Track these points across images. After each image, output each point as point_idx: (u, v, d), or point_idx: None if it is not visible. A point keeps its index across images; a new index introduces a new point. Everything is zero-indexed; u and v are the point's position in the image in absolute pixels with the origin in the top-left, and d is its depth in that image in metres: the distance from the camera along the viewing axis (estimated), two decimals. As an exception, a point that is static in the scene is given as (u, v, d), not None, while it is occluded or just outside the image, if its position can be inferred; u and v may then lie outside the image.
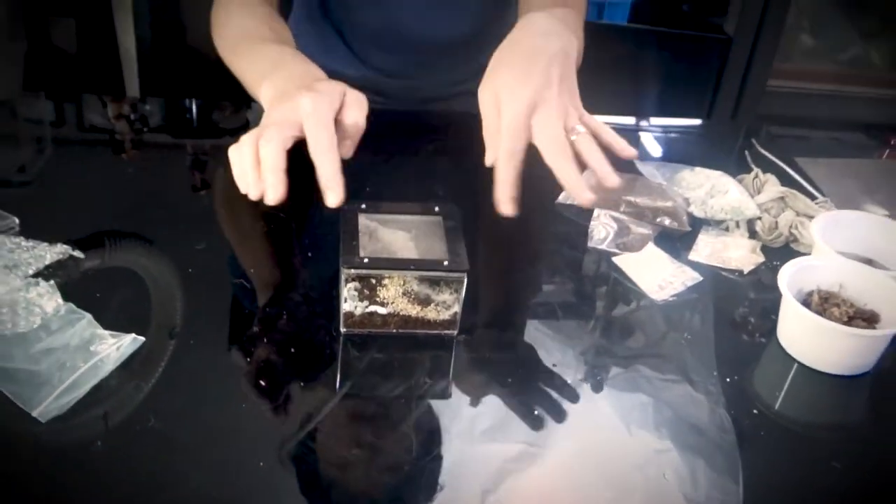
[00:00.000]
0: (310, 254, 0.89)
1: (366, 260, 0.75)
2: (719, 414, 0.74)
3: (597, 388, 0.76)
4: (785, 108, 2.11)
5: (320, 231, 0.93)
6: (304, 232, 0.93)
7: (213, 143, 1.13)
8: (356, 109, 0.85)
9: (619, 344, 0.82)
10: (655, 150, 1.22)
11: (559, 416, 0.72)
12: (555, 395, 0.74)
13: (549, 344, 0.80)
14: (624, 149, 0.82)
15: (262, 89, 0.90)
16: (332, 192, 0.79)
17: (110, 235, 0.88)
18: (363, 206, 0.81)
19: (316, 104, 0.81)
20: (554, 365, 0.77)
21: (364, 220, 0.81)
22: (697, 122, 1.49)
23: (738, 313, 0.88)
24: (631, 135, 1.27)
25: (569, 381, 0.76)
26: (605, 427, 0.72)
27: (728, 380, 0.78)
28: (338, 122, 0.83)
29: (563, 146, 0.78)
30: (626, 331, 0.84)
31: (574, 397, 0.74)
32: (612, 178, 0.79)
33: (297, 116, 0.81)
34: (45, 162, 1.05)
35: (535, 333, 0.82)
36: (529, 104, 0.78)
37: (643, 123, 1.32)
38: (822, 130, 1.94)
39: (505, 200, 0.79)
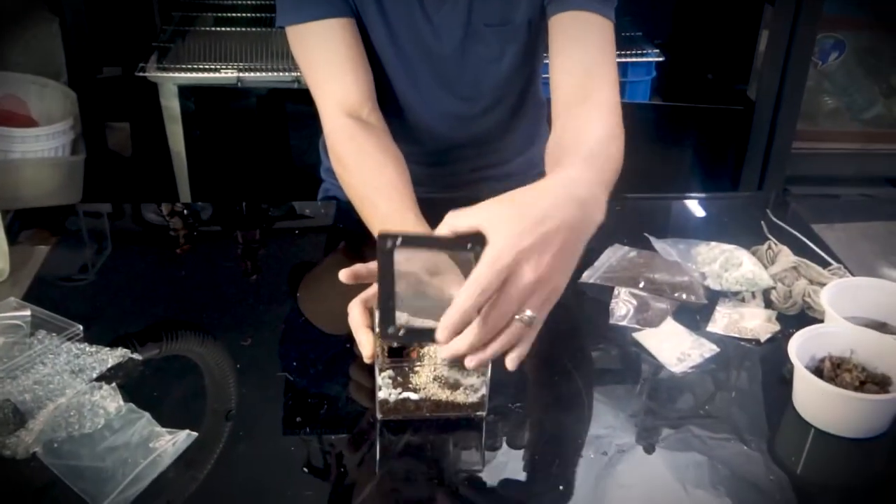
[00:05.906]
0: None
1: (401, 333, 0.75)
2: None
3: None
4: (811, 169, 2.15)
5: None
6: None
7: (263, 230, 1.23)
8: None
9: (642, 416, 0.87)
10: (681, 224, 1.28)
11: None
12: (581, 465, 0.79)
13: (578, 420, 0.86)
14: (512, 360, 0.77)
15: None
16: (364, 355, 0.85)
17: (166, 329, 0.96)
18: (399, 240, 0.74)
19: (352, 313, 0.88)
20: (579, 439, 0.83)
21: (405, 264, 0.76)
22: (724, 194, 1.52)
23: (755, 381, 0.92)
24: (660, 204, 1.33)
25: (603, 451, 0.81)
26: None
27: (746, 448, 0.82)
28: None
29: (496, 321, 0.74)
30: (648, 406, 0.89)
31: (594, 469, 0.79)
32: (513, 365, 0.77)
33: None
34: (104, 260, 1.14)
35: (560, 414, 0.87)
36: (511, 264, 0.72)
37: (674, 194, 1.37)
38: (850, 187, 1.97)
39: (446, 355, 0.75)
